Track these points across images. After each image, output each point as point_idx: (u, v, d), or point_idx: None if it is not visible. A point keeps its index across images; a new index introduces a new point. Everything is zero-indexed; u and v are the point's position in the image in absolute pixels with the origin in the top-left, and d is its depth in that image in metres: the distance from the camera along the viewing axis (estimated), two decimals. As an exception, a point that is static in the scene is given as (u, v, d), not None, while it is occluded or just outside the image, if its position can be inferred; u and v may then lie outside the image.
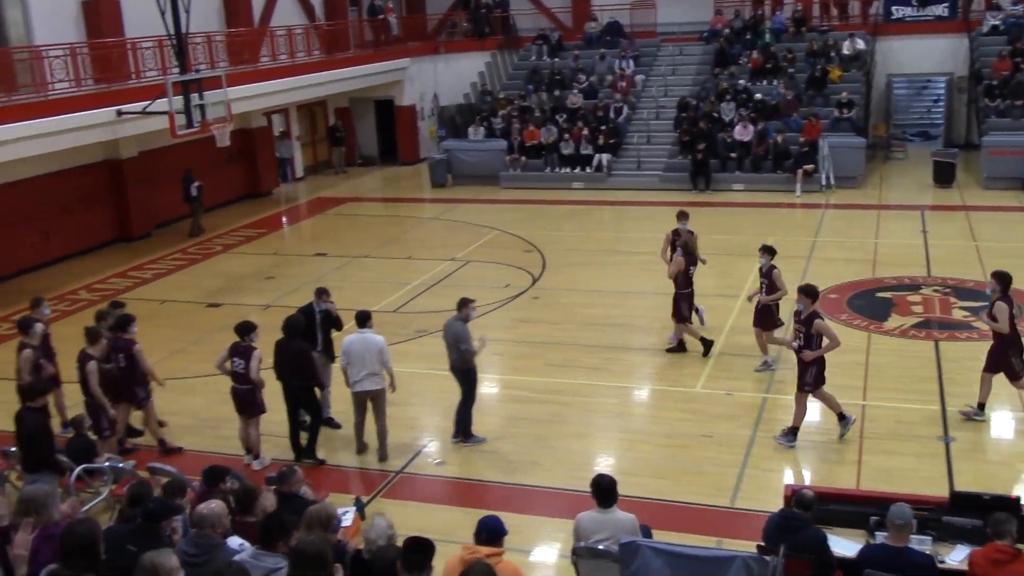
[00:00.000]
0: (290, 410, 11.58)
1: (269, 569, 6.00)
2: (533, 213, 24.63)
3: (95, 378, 11.15)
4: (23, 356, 11.60)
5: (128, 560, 5.84)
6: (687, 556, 7.04)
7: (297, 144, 31.38)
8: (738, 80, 28.60)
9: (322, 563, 5.58)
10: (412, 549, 5.87)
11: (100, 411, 11.26)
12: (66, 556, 5.46)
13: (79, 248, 22.34)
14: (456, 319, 11.52)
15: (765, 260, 13.30)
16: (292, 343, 11.34)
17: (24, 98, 18.58)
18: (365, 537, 6.64)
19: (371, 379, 11.29)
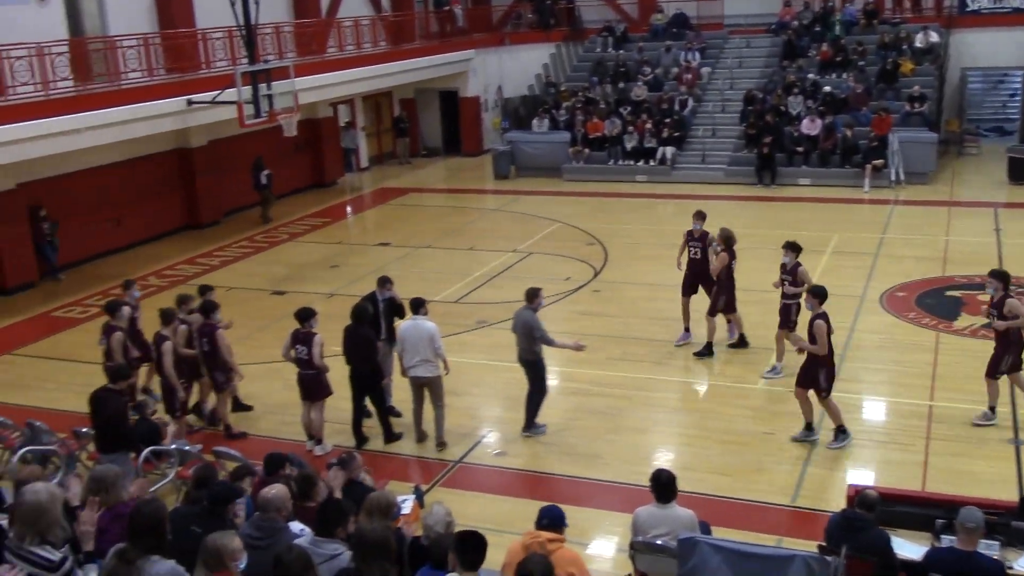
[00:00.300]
0: (356, 396, 11.75)
1: (328, 555, 6.07)
2: (596, 206, 24.54)
3: (169, 358, 11.40)
4: (114, 338, 11.85)
5: (192, 541, 5.96)
6: (746, 554, 6.97)
7: (362, 134, 31.65)
8: (806, 73, 28.16)
9: (385, 551, 5.64)
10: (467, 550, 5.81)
11: (173, 392, 11.51)
12: (134, 535, 5.59)
13: (150, 235, 22.82)
14: (526, 308, 11.55)
15: (790, 258, 12.99)
16: (359, 330, 11.51)
17: (98, 87, 19.01)
18: (424, 524, 6.69)
19: (424, 366, 11.40)
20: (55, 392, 13.89)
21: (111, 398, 9.93)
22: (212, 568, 5.42)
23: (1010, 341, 11.22)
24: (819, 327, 10.75)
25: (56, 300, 18.63)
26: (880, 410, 12.24)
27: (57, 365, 15.16)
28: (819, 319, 10.81)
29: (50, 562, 5.59)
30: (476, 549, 5.80)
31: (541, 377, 11.66)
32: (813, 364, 10.97)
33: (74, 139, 18.04)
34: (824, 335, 10.75)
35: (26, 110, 16.96)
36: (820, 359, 10.89)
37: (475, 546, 5.80)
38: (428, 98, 33.36)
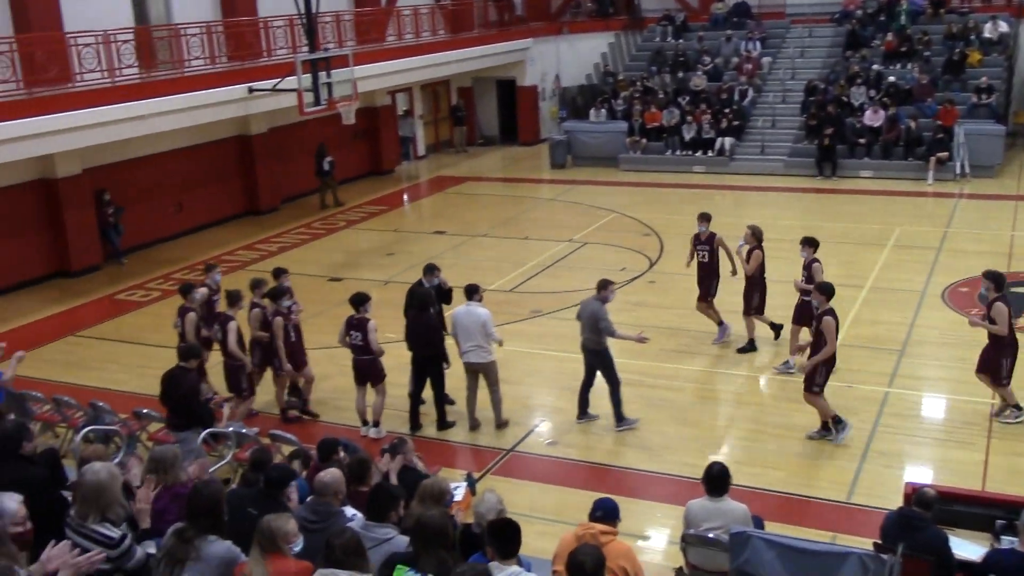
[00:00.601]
0: (417, 382, 11.85)
1: (380, 539, 6.13)
2: (652, 196, 24.39)
3: (232, 337, 11.53)
4: (187, 319, 12.07)
5: (248, 522, 6.06)
6: (800, 550, 6.89)
7: (419, 123, 31.79)
8: (870, 63, 27.66)
9: (444, 538, 5.69)
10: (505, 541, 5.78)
11: (239, 371, 11.67)
12: (192, 515, 5.71)
13: (210, 220, 23.17)
14: (595, 299, 11.53)
15: (807, 253, 12.74)
16: (423, 316, 11.61)
17: (163, 75, 19.33)
18: (475, 511, 6.72)
19: (477, 351, 11.49)
20: (117, 373, 14.19)
21: (183, 376, 10.20)
22: (266, 549, 5.51)
23: (1004, 344, 11.06)
24: (828, 324, 10.64)
25: (119, 283, 19.02)
26: (940, 407, 12.02)
27: (119, 347, 15.49)
28: (827, 315, 10.71)
29: (110, 539, 5.73)
30: (511, 539, 5.78)
31: (609, 367, 11.62)
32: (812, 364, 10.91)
33: (138, 125, 18.37)
34: (833, 332, 10.64)
35: (93, 96, 17.31)
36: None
37: (510, 536, 5.79)
38: (485, 87, 33.39)
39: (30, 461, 7.02)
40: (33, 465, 7.01)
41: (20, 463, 6.87)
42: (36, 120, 16.20)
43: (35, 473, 6.85)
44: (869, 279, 16.70)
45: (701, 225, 14.11)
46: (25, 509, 5.11)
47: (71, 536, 5.80)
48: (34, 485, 6.47)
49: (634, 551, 6.78)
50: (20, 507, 5.05)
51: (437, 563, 5.56)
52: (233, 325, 11.58)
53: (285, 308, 11.92)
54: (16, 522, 4.98)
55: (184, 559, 5.51)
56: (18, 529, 4.97)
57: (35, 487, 6.44)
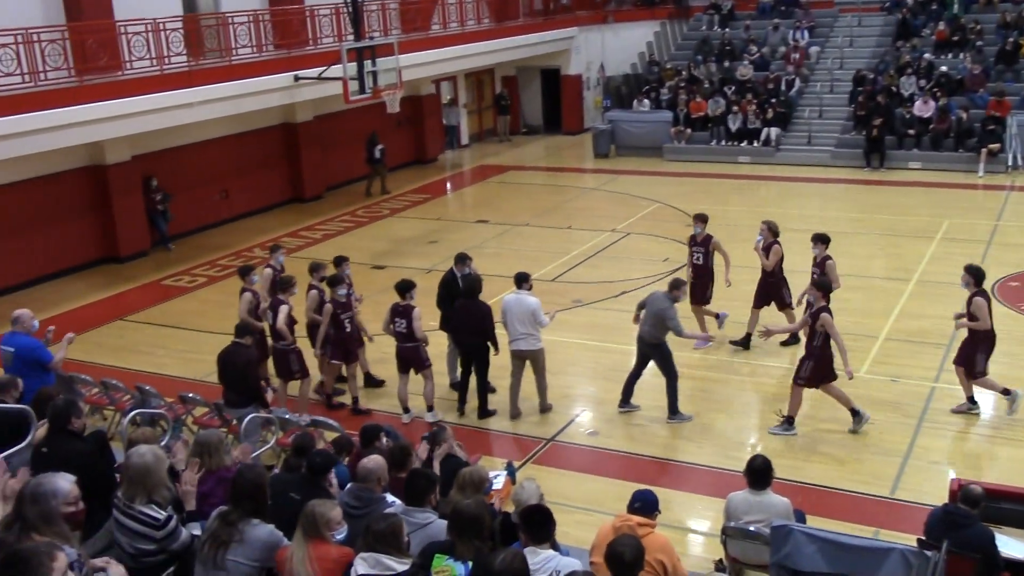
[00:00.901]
0: (464, 369, 11.92)
1: (420, 523, 6.17)
2: (697, 187, 24.23)
3: (283, 317, 11.59)
4: (243, 298, 12.24)
5: (290, 507, 6.14)
6: (842, 544, 6.83)
7: (464, 112, 31.82)
8: (921, 53, 27.22)
9: (480, 526, 5.71)
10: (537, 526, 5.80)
11: (288, 354, 11.78)
12: (235, 498, 5.79)
13: (255, 207, 23.38)
14: (665, 296, 11.50)
15: (819, 250, 12.49)
16: (474, 303, 11.65)
17: (210, 63, 19.52)
18: (515, 500, 6.74)
19: (526, 339, 11.55)
20: (163, 358, 14.40)
21: (239, 352, 10.44)
22: (309, 534, 5.57)
23: (980, 338, 11.07)
24: (826, 320, 10.66)
25: (166, 269, 19.29)
26: (987, 403, 11.82)
27: (166, 332, 15.71)
28: (824, 312, 10.74)
29: (156, 520, 5.83)
30: (541, 524, 5.78)
31: (667, 359, 11.60)
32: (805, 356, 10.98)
33: (186, 113, 18.58)
34: (833, 327, 10.66)
35: (142, 84, 17.54)
36: (811, 350, 10.86)
37: (540, 521, 5.79)
38: (530, 76, 33.33)
39: (78, 437, 7.24)
40: (81, 441, 7.23)
41: (68, 438, 7.12)
42: (86, 107, 16.45)
43: (82, 448, 7.07)
44: (916, 272, 16.47)
45: (697, 226, 13.86)
46: (78, 489, 5.21)
47: (118, 517, 5.92)
48: (81, 459, 6.69)
49: (671, 544, 6.76)
50: (73, 487, 5.14)
51: (474, 551, 5.58)
52: (284, 308, 11.67)
53: (342, 296, 11.93)
54: (68, 502, 5.07)
55: (228, 541, 5.59)
56: (70, 509, 5.07)
57: (82, 462, 6.64)
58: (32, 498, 4.98)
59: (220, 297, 17.30)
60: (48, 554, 4.05)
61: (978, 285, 11.18)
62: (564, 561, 5.57)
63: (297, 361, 11.83)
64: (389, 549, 5.30)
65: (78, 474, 5.59)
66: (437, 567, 5.57)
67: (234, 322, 14.73)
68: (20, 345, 9.92)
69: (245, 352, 10.48)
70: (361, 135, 26.00)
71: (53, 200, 18.61)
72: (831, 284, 11.26)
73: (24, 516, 4.93)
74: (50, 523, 4.91)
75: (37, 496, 4.97)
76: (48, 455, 6.89)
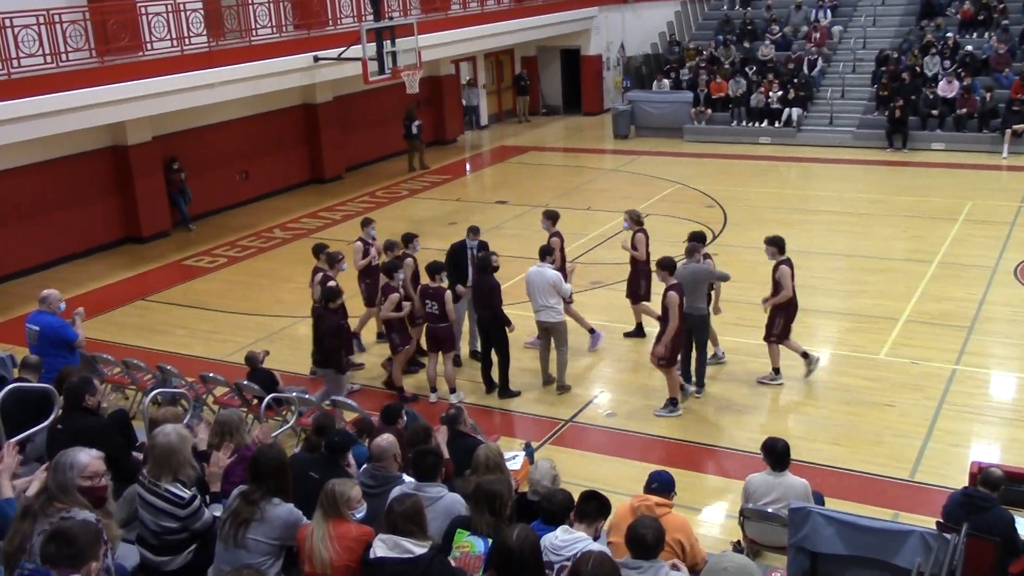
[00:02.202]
0: (483, 345, 12.08)
1: (434, 498, 6.23)
2: (717, 168, 24.10)
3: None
4: (316, 279, 12.21)
5: (309, 486, 6.19)
6: (860, 527, 6.82)
7: (483, 92, 31.75)
8: (945, 32, 26.90)
9: (501, 502, 5.79)
10: (588, 500, 5.96)
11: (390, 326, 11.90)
12: (256, 477, 5.84)
13: (275, 188, 23.46)
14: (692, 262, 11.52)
15: (772, 252, 12.03)
16: (484, 279, 11.75)
17: (230, 44, 19.54)
18: (529, 479, 6.78)
19: (546, 311, 11.75)
20: (185, 337, 14.50)
21: (325, 316, 11.03)
22: (329, 513, 5.62)
23: (781, 304, 11.64)
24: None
25: (188, 249, 19.39)
26: (1009, 386, 11.76)
27: (187, 312, 15.81)
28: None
29: (180, 499, 5.91)
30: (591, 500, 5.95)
31: (706, 332, 11.71)
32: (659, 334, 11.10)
33: (207, 94, 18.63)
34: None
35: (162, 65, 17.59)
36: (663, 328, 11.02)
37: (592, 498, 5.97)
38: (550, 56, 33.19)
39: (92, 413, 7.40)
40: (94, 416, 7.41)
41: (83, 414, 7.30)
42: (108, 88, 16.52)
43: (94, 423, 7.28)
44: (938, 254, 16.35)
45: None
46: (101, 465, 5.27)
47: (143, 494, 5.99)
48: (94, 435, 6.82)
49: (689, 524, 6.79)
50: (93, 461, 5.21)
51: (492, 527, 5.68)
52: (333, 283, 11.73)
53: (399, 283, 11.77)
54: (85, 475, 5.14)
55: (249, 520, 5.64)
56: (87, 483, 5.14)
57: (94, 435, 6.83)
58: (54, 468, 5.15)
59: (241, 277, 17.40)
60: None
61: (782, 254, 11.62)
62: (593, 545, 5.61)
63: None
64: (411, 528, 5.34)
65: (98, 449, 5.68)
66: (459, 542, 5.72)
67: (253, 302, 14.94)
68: (45, 324, 10.03)
69: (328, 318, 11.05)
70: (380, 116, 26.07)
71: (76, 180, 18.73)
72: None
73: (47, 485, 5.07)
74: (66, 493, 5.05)
75: (58, 466, 5.14)
76: (62, 432, 7.03)
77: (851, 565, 6.85)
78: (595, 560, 4.72)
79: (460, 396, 11.78)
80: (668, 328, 10.81)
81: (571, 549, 5.50)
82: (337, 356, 11.16)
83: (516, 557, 4.89)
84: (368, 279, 13.02)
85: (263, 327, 14.57)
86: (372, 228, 13.54)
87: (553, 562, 5.49)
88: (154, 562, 6.02)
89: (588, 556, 4.80)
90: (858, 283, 15.34)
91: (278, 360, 12.74)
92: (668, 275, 10.92)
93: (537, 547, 5.05)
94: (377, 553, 5.29)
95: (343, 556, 5.50)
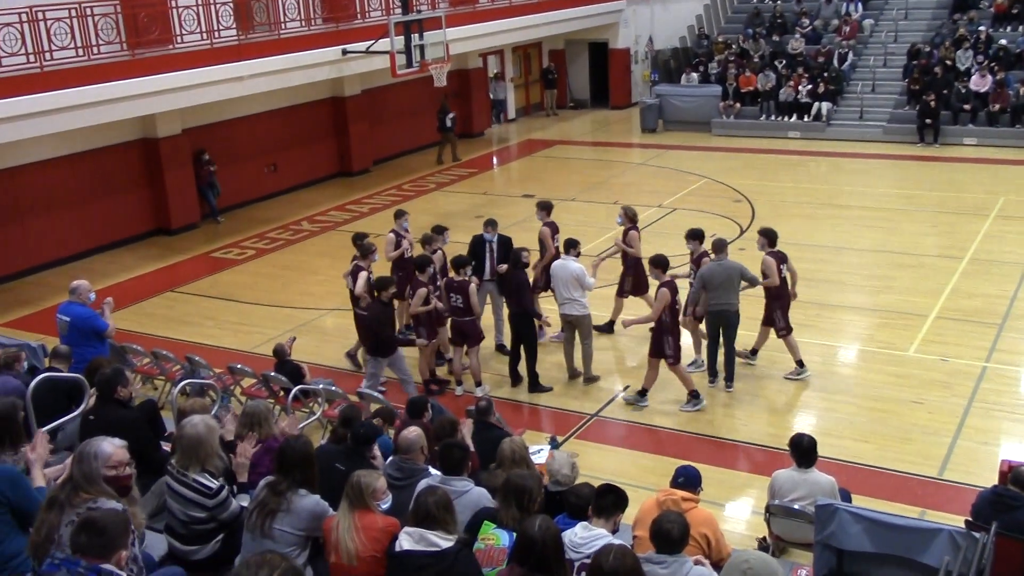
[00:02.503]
0: (513, 339, 12.07)
1: (460, 491, 6.25)
2: (745, 162, 23.96)
3: (363, 282, 11.76)
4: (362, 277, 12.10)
5: (335, 478, 6.21)
6: (888, 525, 6.77)
7: (511, 86, 31.73)
8: (979, 26, 26.58)
9: (530, 497, 5.81)
10: (605, 494, 5.94)
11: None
12: (282, 468, 5.87)
13: (303, 181, 23.55)
14: (725, 257, 11.55)
15: (694, 246, 12.08)
16: (517, 273, 11.77)
17: (259, 37, 19.64)
18: (549, 469, 6.79)
19: (570, 304, 11.76)
20: (213, 329, 14.61)
21: (373, 306, 11.39)
22: (355, 504, 5.64)
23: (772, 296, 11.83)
24: (663, 295, 10.87)
25: (216, 241, 19.52)
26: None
27: (215, 303, 15.92)
28: (664, 287, 10.90)
29: (208, 489, 5.95)
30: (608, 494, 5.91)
31: (735, 328, 11.65)
32: (659, 333, 11.03)
33: (236, 87, 18.74)
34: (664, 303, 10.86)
35: (192, 58, 17.71)
36: (664, 326, 10.93)
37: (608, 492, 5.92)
38: (577, 49, 33.11)
39: (124, 405, 7.47)
40: (125, 408, 7.47)
41: (115, 405, 7.37)
42: (138, 81, 16.66)
43: (126, 416, 7.33)
44: (969, 250, 16.18)
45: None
46: (126, 454, 5.32)
47: (172, 484, 6.04)
48: (125, 427, 6.87)
49: (715, 519, 6.76)
50: (117, 451, 5.25)
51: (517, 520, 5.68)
52: (364, 275, 11.83)
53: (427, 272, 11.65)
54: (110, 464, 5.19)
55: (276, 510, 5.67)
56: (112, 472, 5.18)
57: (126, 427, 6.85)
58: (79, 458, 5.17)
59: (269, 270, 17.50)
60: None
61: (772, 246, 11.78)
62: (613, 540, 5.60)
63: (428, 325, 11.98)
64: (441, 520, 5.36)
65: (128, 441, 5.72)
66: (484, 534, 5.74)
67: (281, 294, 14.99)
68: (76, 315, 10.13)
69: (375, 308, 11.35)
70: (408, 109, 26.13)
71: (106, 173, 18.90)
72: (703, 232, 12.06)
73: (72, 475, 5.10)
74: (92, 483, 5.07)
75: (82, 456, 5.16)
76: (95, 423, 7.10)
77: (878, 563, 6.80)
78: (616, 552, 4.71)
79: (486, 389, 11.80)
80: (647, 317, 11.30)
81: (591, 547, 5.48)
82: (392, 343, 11.30)
83: (538, 548, 4.88)
84: (399, 272, 13.05)
85: (291, 319, 14.66)
86: (405, 220, 13.51)
87: (573, 560, 5.48)
88: (182, 551, 6.07)
89: (609, 549, 4.78)
90: (887, 279, 15.21)
91: (306, 352, 12.82)
92: (661, 273, 11.02)
93: (559, 538, 5.03)
94: (403, 546, 5.31)
95: (369, 547, 5.52)
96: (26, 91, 14.94)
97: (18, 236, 17.51)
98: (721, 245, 11.58)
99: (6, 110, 14.68)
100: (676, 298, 10.99)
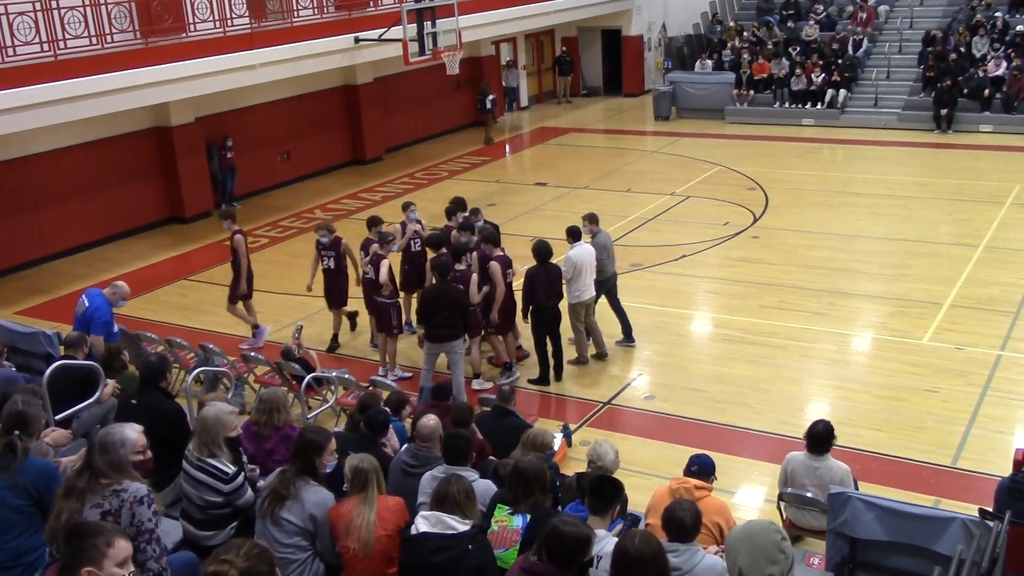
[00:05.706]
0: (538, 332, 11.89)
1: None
2: (759, 150, 23.86)
3: (386, 271, 11.74)
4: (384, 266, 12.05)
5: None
6: (901, 513, 6.75)
7: (523, 73, 31.66)
8: (995, 12, 26.37)
9: (540, 481, 5.85)
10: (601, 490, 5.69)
11: (390, 308, 11.90)
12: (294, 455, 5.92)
13: (316, 169, 23.58)
14: None
15: (468, 237, 12.03)
16: (546, 267, 11.67)
17: (272, 25, 19.65)
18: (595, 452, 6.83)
19: (589, 288, 11.89)
20: (226, 317, 14.62)
21: (450, 291, 11.10)
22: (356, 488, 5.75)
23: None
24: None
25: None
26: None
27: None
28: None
29: (225, 474, 6.02)
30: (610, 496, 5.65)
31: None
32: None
33: (249, 75, 18.76)
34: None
35: (205, 46, 17.72)
36: None
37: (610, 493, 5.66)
38: (590, 37, 33.00)
39: (166, 394, 7.57)
40: (171, 399, 7.59)
41: (158, 394, 7.42)
42: (152, 69, 16.69)
43: (170, 405, 7.41)
44: (985, 238, 16.08)
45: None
46: (144, 439, 5.36)
47: (188, 469, 6.09)
48: (169, 415, 7.10)
49: (728, 507, 6.77)
50: (140, 436, 5.29)
51: (531, 506, 5.75)
52: (386, 263, 11.81)
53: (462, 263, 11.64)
54: (136, 451, 5.23)
55: (284, 497, 5.71)
56: (138, 458, 5.23)
57: (169, 417, 7.09)
58: (101, 447, 5.12)
59: (282, 258, 17.53)
60: (107, 541, 4.11)
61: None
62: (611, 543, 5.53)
63: (396, 316, 11.98)
64: (462, 507, 5.40)
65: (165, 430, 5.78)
66: (498, 516, 5.82)
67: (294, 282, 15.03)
68: (95, 306, 10.20)
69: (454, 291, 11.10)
70: (421, 97, 26.12)
71: (120, 161, 18.95)
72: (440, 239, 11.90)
73: (93, 464, 5.09)
74: (120, 470, 5.08)
75: (106, 445, 5.12)
76: (137, 407, 7.12)
77: (891, 551, 6.79)
78: (642, 536, 4.66)
79: (516, 375, 11.88)
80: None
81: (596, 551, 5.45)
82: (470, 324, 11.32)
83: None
84: (407, 264, 13.02)
85: (304, 307, 14.69)
86: (413, 211, 13.47)
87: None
88: (197, 536, 6.13)
89: (634, 533, 4.72)
90: (902, 267, 15.15)
91: (317, 340, 12.85)
92: (494, 247, 11.78)
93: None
94: (420, 528, 5.34)
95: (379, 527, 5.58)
96: (40, 80, 14.99)
97: (33, 224, 17.59)
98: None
99: (21, 99, 14.74)
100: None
